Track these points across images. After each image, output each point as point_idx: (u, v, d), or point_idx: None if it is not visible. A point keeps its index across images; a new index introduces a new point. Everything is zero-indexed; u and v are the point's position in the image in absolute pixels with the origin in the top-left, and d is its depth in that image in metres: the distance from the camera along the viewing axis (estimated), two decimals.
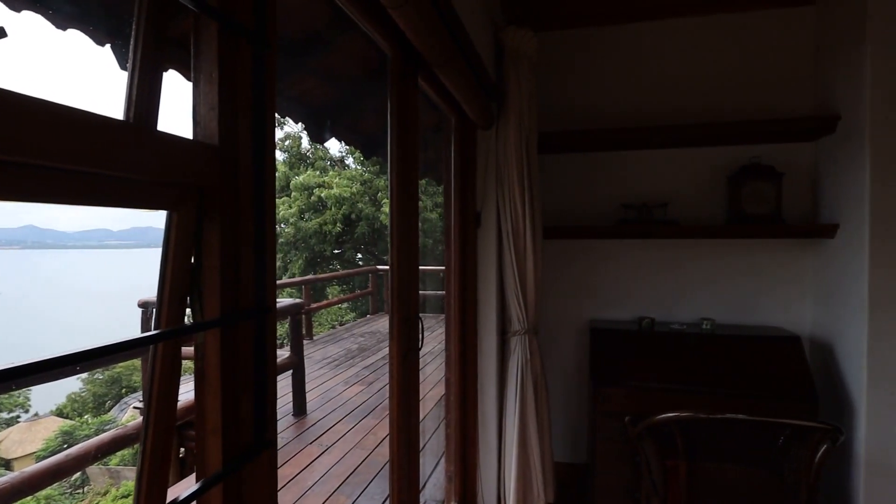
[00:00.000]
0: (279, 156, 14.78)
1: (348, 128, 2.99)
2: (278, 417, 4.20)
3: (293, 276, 12.71)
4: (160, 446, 0.70)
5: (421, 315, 1.74)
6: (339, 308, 13.29)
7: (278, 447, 3.62)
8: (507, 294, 2.46)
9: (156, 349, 0.69)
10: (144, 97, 0.69)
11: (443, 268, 2.54)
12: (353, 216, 12.87)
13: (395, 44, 1.52)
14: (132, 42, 0.71)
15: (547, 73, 2.98)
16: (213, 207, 0.71)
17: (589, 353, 2.61)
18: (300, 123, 2.63)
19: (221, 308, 0.72)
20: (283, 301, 4.25)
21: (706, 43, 2.79)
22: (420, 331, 1.68)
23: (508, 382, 2.44)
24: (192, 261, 0.73)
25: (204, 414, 0.73)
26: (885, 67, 2.15)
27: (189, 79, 0.78)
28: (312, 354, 6.40)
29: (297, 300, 4.21)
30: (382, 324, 8.62)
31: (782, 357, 2.37)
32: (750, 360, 2.39)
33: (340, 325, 11.49)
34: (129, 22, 0.73)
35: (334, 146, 15.21)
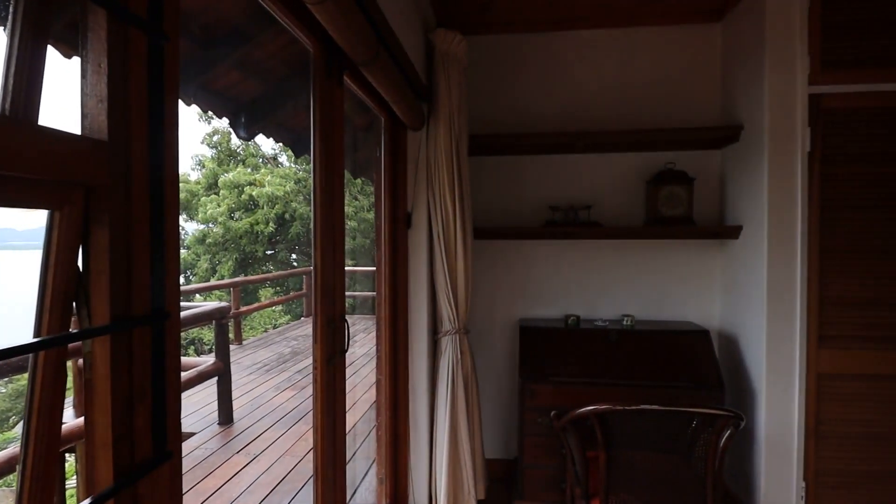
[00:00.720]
0: (207, 152, 14.08)
1: (278, 125, 2.90)
2: (202, 427, 4.03)
3: (222, 279, 12.16)
4: (42, 469, 0.64)
5: (358, 317, 1.72)
6: (273, 311, 12.86)
7: (202, 458, 3.46)
8: (438, 294, 2.47)
9: (36, 359, 0.64)
10: (22, 88, 0.63)
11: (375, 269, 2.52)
12: (286, 216, 12.49)
13: (318, 41, 1.49)
14: (8, 27, 0.65)
15: (478, 77, 3.02)
16: (101, 207, 0.67)
17: (518, 350, 2.67)
18: (225, 119, 2.52)
19: (112, 314, 0.67)
20: (205, 305, 4.06)
21: (626, 54, 2.94)
22: (346, 333, 1.65)
23: (440, 382, 2.46)
24: (80, 264, 0.68)
25: (93, 427, 0.68)
26: (781, 82, 2.35)
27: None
28: (241, 360, 6.15)
29: (223, 304, 4.03)
30: None
31: (693, 349, 2.54)
32: (665, 353, 2.54)
33: (274, 328, 11.12)
34: (6, 5, 0.67)
35: (267, 143, 14.70)
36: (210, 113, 2.51)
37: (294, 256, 13.75)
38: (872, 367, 2.30)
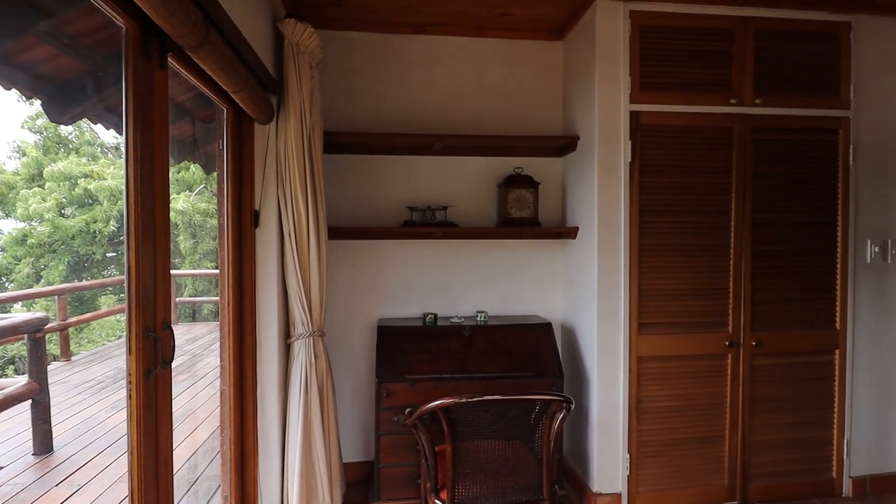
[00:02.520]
0: (29, 137, 12.02)
1: (105, 109, 2.56)
2: (12, 460, 3.42)
3: (51, 285, 10.47)
4: None
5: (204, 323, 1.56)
6: (118, 320, 11.38)
7: (9, 496, 2.93)
8: (290, 296, 2.37)
9: None
10: None
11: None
12: None
13: (132, 17, 1.34)
14: None
15: (336, 74, 2.96)
16: None
17: (375, 351, 2.66)
18: (35, 99, 2.16)
19: None
20: (12, 316, 3.45)
21: (479, 62, 3.08)
22: (171, 343, 1.50)
23: (292, 388, 2.36)
24: None
25: None
26: (608, 99, 2.63)
27: None
28: (69, 378, 5.34)
29: (38, 314, 3.46)
30: None
31: (538, 341, 2.74)
32: (513, 345, 2.71)
33: (119, 340, 9.84)
34: None
35: (108, 130, 12.96)
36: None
37: None
38: (679, 348, 2.68)
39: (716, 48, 2.67)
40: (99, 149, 12.67)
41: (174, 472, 1.58)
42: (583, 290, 2.82)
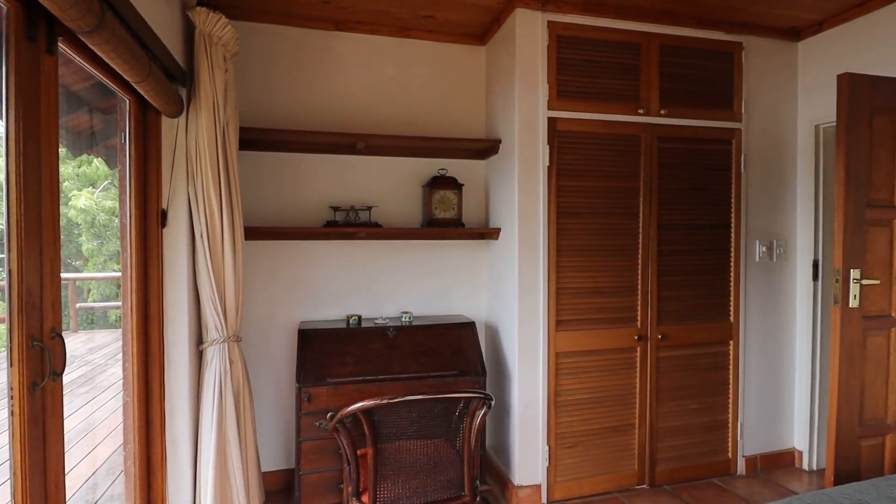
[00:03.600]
0: None
1: None
2: None
3: None
4: None
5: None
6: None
7: None
8: (202, 300, 2.25)
9: None
10: None
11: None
12: None
13: None
14: None
15: (256, 68, 2.85)
16: None
17: (296, 355, 2.59)
18: None
19: None
20: None
21: (404, 63, 3.08)
22: (62, 352, 1.37)
23: (205, 396, 2.24)
24: None
25: None
26: (528, 105, 2.72)
27: None
28: None
29: None
30: None
31: (462, 340, 2.79)
32: (438, 345, 2.74)
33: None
34: None
35: None
36: None
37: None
38: (593, 343, 2.83)
39: (625, 61, 2.85)
40: None
41: (70, 494, 1.45)
42: (505, 289, 2.90)
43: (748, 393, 3.13)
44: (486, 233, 3.02)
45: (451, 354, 2.72)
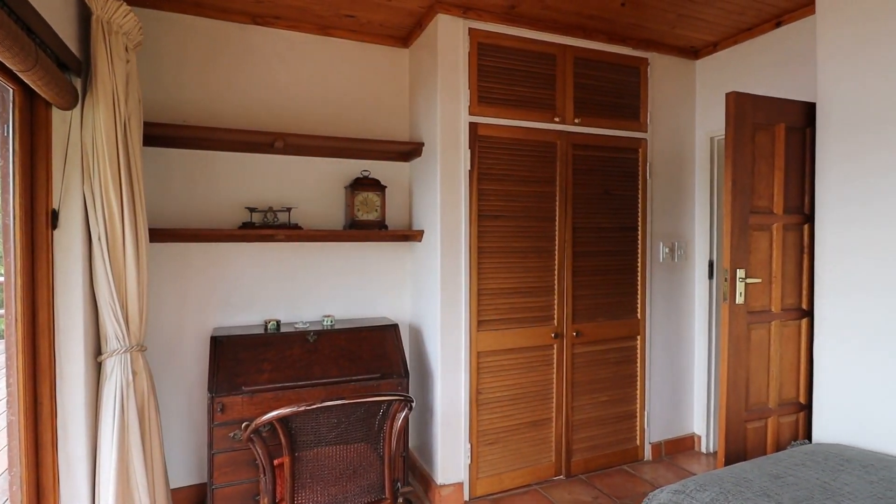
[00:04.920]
0: None
1: None
2: None
3: None
4: None
5: None
6: None
7: None
8: (101, 308, 2.09)
9: None
10: None
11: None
12: None
13: None
14: None
15: (165, 59, 2.69)
16: None
17: (209, 363, 2.47)
18: None
19: None
20: None
21: (326, 62, 3.03)
22: None
23: (104, 411, 2.08)
24: None
25: None
26: (450, 109, 2.77)
27: None
28: None
29: None
30: None
31: (385, 343, 2.78)
32: (360, 348, 2.71)
33: None
34: None
35: None
36: None
37: None
38: (513, 342, 2.92)
39: (542, 70, 2.97)
40: None
41: None
42: (428, 290, 2.93)
43: (653, 384, 3.37)
44: (410, 235, 3.03)
45: (374, 357, 2.71)
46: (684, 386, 3.50)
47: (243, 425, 2.30)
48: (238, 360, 2.46)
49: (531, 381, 2.98)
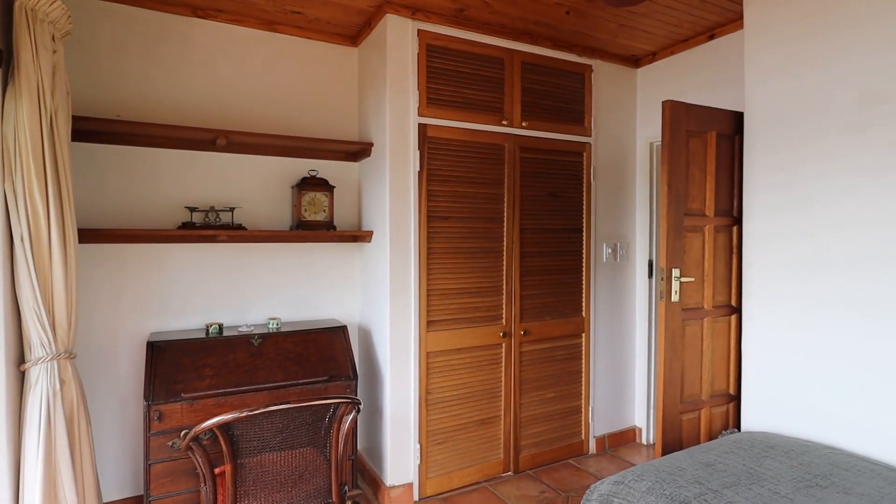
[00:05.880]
0: None
1: None
2: None
3: None
4: None
5: None
6: None
7: None
8: (24, 313, 1.96)
9: None
10: None
11: None
12: None
13: None
14: None
15: (98, 51, 2.55)
16: None
17: (145, 370, 2.36)
18: None
19: None
20: None
21: (272, 58, 2.96)
22: None
23: (28, 423, 1.95)
24: None
25: None
26: (399, 110, 2.76)
27: None
28: None
29: None
30: None
31: (333, 345, 2.75)
32: (307, 351, 2.67)
33: None
34: None
35: None
36: None
37: None
38: (462, 341, 2.96)
39: (490, 74, 3.02)
40: None
41: None
42: (377, 291, 2.92)
43: (597, 380, 3.49)
44: (359, 236, 3.01)
45: (322, 360, 2.67)
46: (626, 381, 3.65)
47: (182, 433, 2.21)
48: (177, 365, 2.37)
49: (480, 379, 3.02)
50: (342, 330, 2.82)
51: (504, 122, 3.05)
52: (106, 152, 2.58)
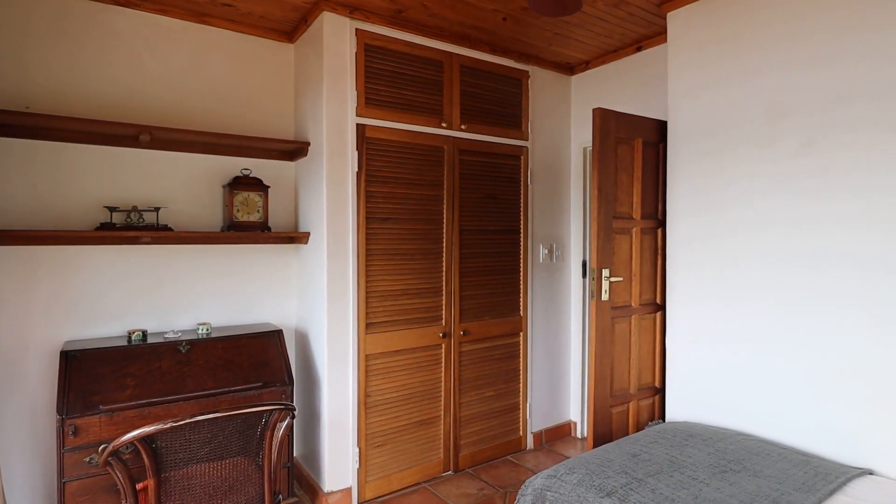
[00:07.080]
0: None
1: None
2: None
3: None
4: None
5: None
6: None
7: None
8: None
9: None
10: None
11: None
12: None
13: None
14: None
15: (7, 39, 2.34)
16: None
17: (58, 381, 2.19)
18: None
19: None
20: None
21: (201, 52, 2.83)
22: None
23: None
24: None
25: None
26: (336, 110, 2.72)
27: None
28: None
29: None
30: None
31: (268, 350, 2.67)
32: (240, 357, 2.57)
33: None
34: None
35: None
36: None
37: None
38: (402, 343, 2.95)
39: (430, 76, 3.03)
40: None
41: None
42: (315, 294, 2.86)
43: (534, 377, 3.58)
44: (296, 237, 2.94)
45: (255, 366, 2.58)
46: (562, 377, 3.78)
47: (101, 448, 2.07)
48: (95, 376, 2.21)
49: (420, 380, 3.03)
50: (277, 334, 2.75)
51: (443, 125, 3.08)
52: (13, 147, 2.37)
